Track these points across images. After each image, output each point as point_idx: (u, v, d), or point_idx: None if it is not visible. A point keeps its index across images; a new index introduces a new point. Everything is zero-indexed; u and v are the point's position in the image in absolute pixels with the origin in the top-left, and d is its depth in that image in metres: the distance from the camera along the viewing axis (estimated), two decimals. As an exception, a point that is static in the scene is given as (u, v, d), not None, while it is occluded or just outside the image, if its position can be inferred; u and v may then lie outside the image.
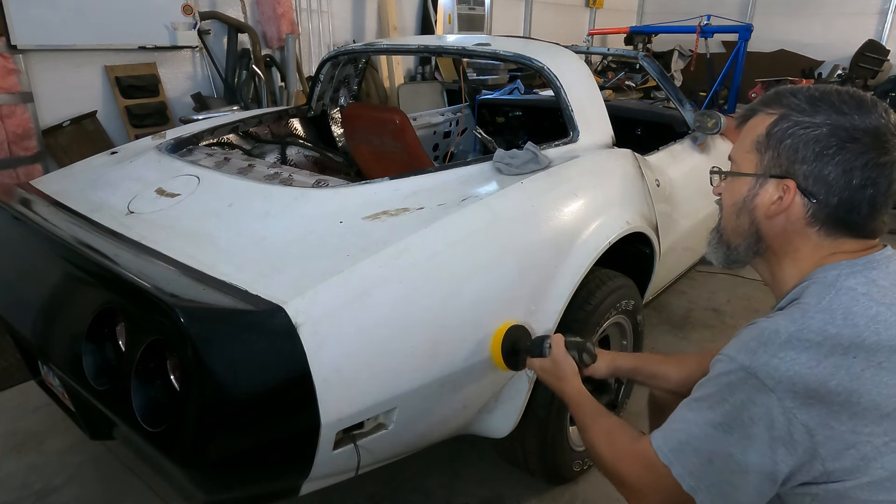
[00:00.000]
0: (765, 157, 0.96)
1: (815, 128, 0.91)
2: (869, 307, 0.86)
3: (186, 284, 1.28)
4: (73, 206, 1.76)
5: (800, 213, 0.94)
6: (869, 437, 0.82)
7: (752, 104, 1.02)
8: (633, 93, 7.47)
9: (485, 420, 1.67)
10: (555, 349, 1.36)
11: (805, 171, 0.92)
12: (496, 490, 1.99)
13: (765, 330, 0.88)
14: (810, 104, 0.92)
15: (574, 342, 1.37)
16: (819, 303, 0.88)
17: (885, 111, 0.91)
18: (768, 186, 0.96)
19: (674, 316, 3.23)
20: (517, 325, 1.49)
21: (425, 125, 3.38)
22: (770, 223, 0.98)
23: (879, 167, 0.89)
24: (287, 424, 1.19)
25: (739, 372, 0.87)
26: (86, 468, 2.05)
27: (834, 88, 0.94)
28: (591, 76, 2.24)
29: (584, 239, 1.71)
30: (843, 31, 7.99)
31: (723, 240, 1.07)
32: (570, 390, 1.28)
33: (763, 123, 0.97)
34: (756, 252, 1.02)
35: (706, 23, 6.19)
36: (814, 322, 0.86)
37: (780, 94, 0.97)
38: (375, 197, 1.62)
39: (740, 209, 1.01)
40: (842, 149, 0.89)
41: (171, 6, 3.97)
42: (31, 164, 3.52)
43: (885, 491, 0.83)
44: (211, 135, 2.40)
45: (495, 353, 1.46)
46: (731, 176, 1.03)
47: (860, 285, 0.89)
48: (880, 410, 0.82)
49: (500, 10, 7.14)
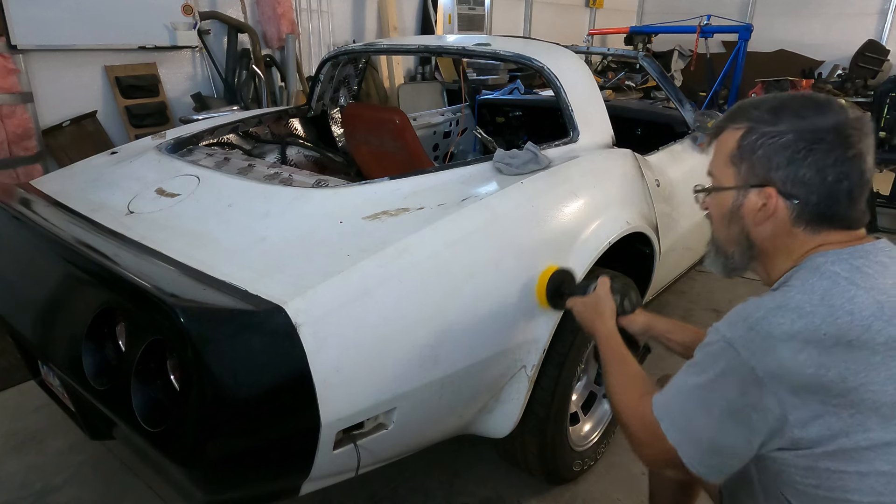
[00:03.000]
0: (741, 169, 1.02)
1: (781, 136, 0.97)
2: (847, 290, 0.90)
3: (186, 284, 1.28)
4: (73, 206, 1.76)
5: (785, 215, 1.00)
6: (836, 408, 0.87)
7: (719, 121, 1.08)
8: (633, 93, 7.47)
9: (485, 420, 1.67)
10: (599, 287, 1.43)
11: (781, 176, 0.97)
12: (496, 490, 1.99)
13: (749, 306, 0.94)
14: (772, 114, 0.99)
15: (620, 286, 1.43)
16: (802, 285, 0.94)
17: (842, 108, 0.97)
18: (751, 196, 1.02)
19: (674, 316, 3.21)
20: (564, 269, 1.56)
21: (425, 125, 3.38)
22: (759, 229, 1.03)
23: (849, 161, 0.94)
24: (287, 424, 1.19)
25: (721, 342, 0.94)
26: (86, 468, 2.05)
27: (791, 95, 1.01)
28: (591, 76, 2.24)
29: (584, 239, 1.71)
30: (843, 31, 7.99)
31: (719, 250, 1.12)
32: (604, 329, 1.34)
33: (733, 138, 1.03)
34: (751, 257, 1.08)
35: (706, 23, 6.19)
36: (792, 301, 0.91)
37: (744, 109, 1.03)
38: (375, 197, 1.62)
39: (729, 221, 1.07)
40: (811, 151, 0.95)
41: (171, 6, 3.96)
42: (31, 164, 3.52)
43: (853, 462, 0.88)
44: (211, 135, 2.40)
45: (540, 291, 1.53)
46: (714, 191, 1.09)
47: (844, 271, 0.93)
48: (846, 384, 0.86)
49: (500, 10, 7.14)
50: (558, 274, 1.54)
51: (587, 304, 1.43)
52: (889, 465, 0.87)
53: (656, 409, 1.01)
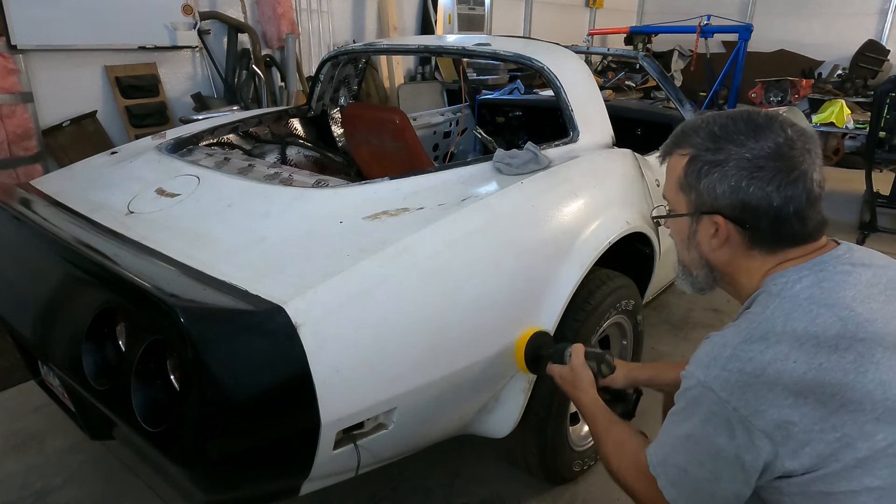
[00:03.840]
0: (691, 196, 1.03)
1: (722, 165, 0.97)
2: (809, 311, 0.90)
3: (186, 284, 1.28)
4: (73, 206, 1.76)
5: (739, 240, 1.00)
6: (821, 433, 0.86)
7: (667, 144, 1.08)
8: (633, 93, 7.47)
9: (485, 420, 1.67)
10: (574, 358, 1.41)
11: (728, 204, 0.98)
12: (496, 490, 1.99)
13: (715, 344, 0.94)
14: (713, 142, 0.99)
15: (594, 353, 1.42)
16: (763, 311, 0.94)
17: (782, 126, 0.97)
18: (703, 223, 1.03)
19: (674, 316, 3.22)
20: (541, 332, 1.55)
21: (425, 125, 3.38)
22: (716, 255, 1.04)
23: (792, 184, 0.94)
24: (287, 424, 1.19)
25: (698, 388, 0.93)
26: (86, 468, 2.05)
27: (731, 117, 1.00)
28: (591, 76, 2.24)
29: (584, 239, 1.71)
30: (843, 31, 7.98)
31: (686, 270, 1.13)
32: (586, 400, 1.33)
33: (679, 165, 1.04)
34: (715, 279, 1.09)
35: (706, 23, 6.18)
36: (757, 332, 0.91)
37: (686, 134, 1.03)
38: (375, 197, 1.62)
39: (688, 245, 1.08)
40: (753, 178, 0.95)
41: (171, 6, 3.96)
42: (31, 164, 3.52)
43: (844, 481, 0.87)
44: (211, 135, 2.40)
45: (519, 356, 1.52)
46: (669, 218, 1.10)
47: (804, 290, 0.93)
48: (826, 408, 0.86)
49: (500, 10, 7.13)
50: (536, 338, 1.53)
51: (564, 376, 1.41)
52: (879, 480, 0.86)
53: (651, 467, 1.00)
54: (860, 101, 6.25)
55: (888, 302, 0.93)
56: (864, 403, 0.85)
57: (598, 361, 1.40)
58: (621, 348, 2.13)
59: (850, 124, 5.06)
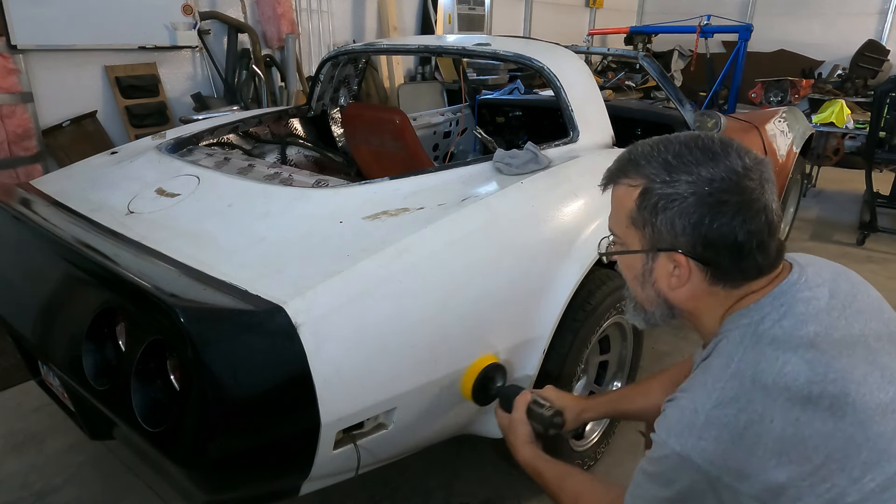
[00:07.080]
0: (645, 232, 0.95)
1: (681, 199, 0.90)
2: (775, 359, 0.87)
3: (186, 284, 1.28)
4: (73, 206, 1.76)
5: (700, 277, 0.94)
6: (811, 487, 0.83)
7: (611, 170, 1.00)
8: (633, 93, 7.47)
9: (485, 420, 1.67)
10: (515, 412, 1.35)
11: (689, 241, 0.91)
12: (496, 490, 1.99)
13: (685, 410, 0.90)
14: (668, 172, 0.91)
15: (539, 415, 1.34)
16: (728, 366, 0.89)
17: (738, 154, 0.91)
18: (661, 260, 0.96)
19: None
20: (497, 364, 1.47)
21: (425, 125, 3.38)
22: (676, 293, 0.98)
23: (755, 217, 0.89)
24: (287, 424, 1.19)
25: (674, 457, 0.89)
26: (86, 468, 2.05)
27: (684, 143, 0.93)
28: (591, 76, 2.24)
29: (584, 239, 1.71)
30: (843, 31, 7.98)
31: (639, 307, 1.06)
32: (521, 458, 1.30)
33: (629, 197, 0.96)
34: (673, 316, 1.03)
35: (706, 23, 6.19)
36: (726, 393, 0.87)
37: (636, 162, 0.96)
38: (375, 197, 1.62)
39: (642, 283, 1.01)
40: (716, 214, 0.89)
41: (171, 6, 3.96)
42: (31, 164, 3.52)
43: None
44: (211, 135, 2.40)
45: (466, 383, 1.45)
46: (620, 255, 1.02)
47: (766, 332, 0.89)
48: (812, 462, 0.83)
49: (500, 10, 7.13)
50: (488, 370, 1.45)
51: (502, 426, 1.37)
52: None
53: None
54: (860, 101, 6.25)
55: (849, 326, 0.91)
56: (848, 450, 0.83)
57: (544, 425, 1.33)
58: (621, 348, 2.13)
59: (850, 124, 5.06)
